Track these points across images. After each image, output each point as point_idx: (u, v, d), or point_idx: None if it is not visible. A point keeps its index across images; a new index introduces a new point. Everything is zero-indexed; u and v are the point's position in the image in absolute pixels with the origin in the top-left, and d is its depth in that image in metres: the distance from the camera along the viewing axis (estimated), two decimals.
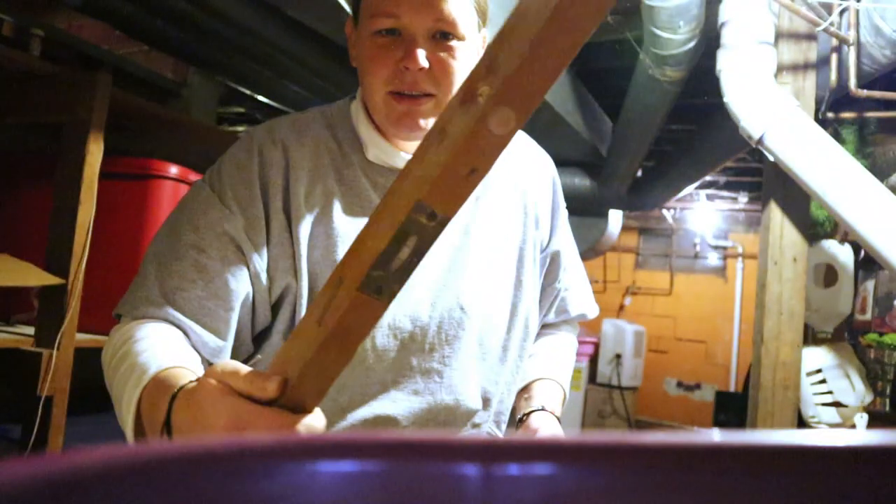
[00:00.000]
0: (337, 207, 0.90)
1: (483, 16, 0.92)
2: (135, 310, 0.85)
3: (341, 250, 0.88)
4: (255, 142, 0.91)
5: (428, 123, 0.87)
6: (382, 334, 0.89)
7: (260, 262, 0.86)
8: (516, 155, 1.04)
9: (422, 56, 0.83)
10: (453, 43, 0.86)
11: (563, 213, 1.10)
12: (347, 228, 0.89)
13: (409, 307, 0.90)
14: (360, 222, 0.89)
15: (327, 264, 0.88)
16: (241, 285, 0.85)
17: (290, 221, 0.88)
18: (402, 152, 0.92)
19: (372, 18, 0.84)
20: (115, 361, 0.80)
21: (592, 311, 1.17)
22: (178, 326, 0.84)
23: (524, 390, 1.06)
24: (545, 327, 1.15)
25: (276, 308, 0.91)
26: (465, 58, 0.87)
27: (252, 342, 0.92)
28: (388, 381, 0.90)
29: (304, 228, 0.88)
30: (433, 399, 0.93)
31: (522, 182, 1.03)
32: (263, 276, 0.87)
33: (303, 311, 0.87)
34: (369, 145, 0.93)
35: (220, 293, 0.84)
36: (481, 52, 0.94)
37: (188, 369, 0.72)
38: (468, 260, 0.95)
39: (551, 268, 1.08)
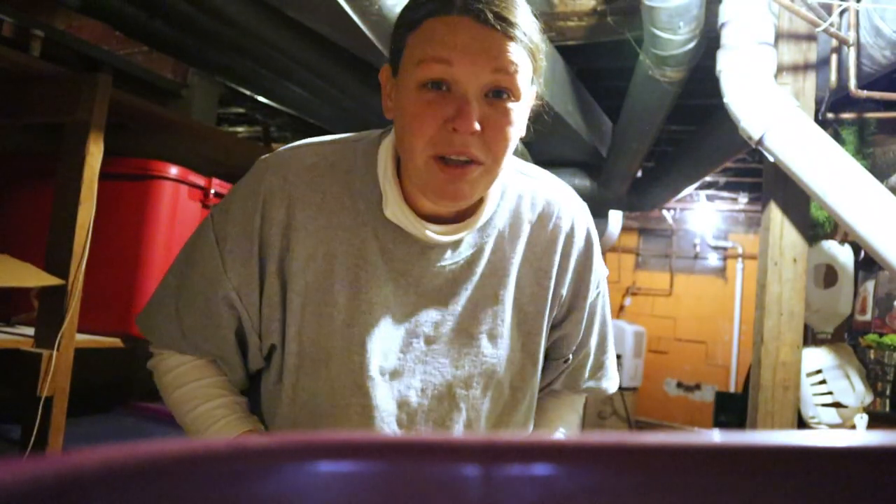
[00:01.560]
0: (339, 274, 0.85)
1: (536, 64, 0.80)
2: (164, 345, 0.94)
3: (338, 320, 0.85)
4: (262, 191, 0.85)
5: (474, 194, 0.79)
6: (380, 418, 0.85)
7: (250, 318, 0.88)
8: (550, 220, 0.92)
9: (475, 118, 0.73)
10: (509, 104, 0.76)
11: (590, 287, 0.96)
12: (347, 296, 0.85)
13: (399, 392, 0.87)
14: (363, 289, 0.84)
15: (323, 333, 0.85)
16: (234, 336, 0.90)
17: (285, 286, 0.86)
18: (425, 226, 0.83)
19: (419, 66, 0.74)
20: (177, 396, 0.92)
21: (611, 386, 1.03)
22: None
23: None
24: (549, 393, 1.04)
25: (267, 359, 0.93)
26: (520, 121, 0.78)
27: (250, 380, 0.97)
28: None
29: (299, 295, 0.85)
30: None
31: (550, 254, 0.91)
32: (254, 331, 0.89)
33: (288, 375, 0.88)
34: (389, 202, 0.83)
35: (226, 336, 0.90)
36: (531, 103, 0.83)
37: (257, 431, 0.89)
38: (472, 348, 0.88)
39: (560, 343, 0.97)
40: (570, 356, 0.98)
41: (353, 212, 0.85)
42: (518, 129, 0.78)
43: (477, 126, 0.74)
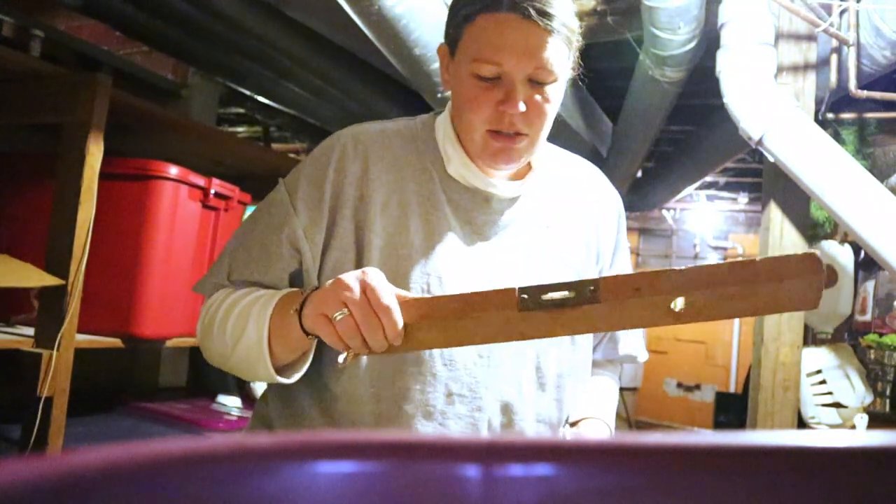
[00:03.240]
0: (413, 218, 0.95)
1: (573, 44, 0.92)
2: (212, 291, 1.00)
3: (416, 259, 0.94)
4: (337, 148, 0.97)
5: (521, 160, 0.95)
6: (462, 353, 0.93)
7: (313, 258, 0.95)
8: (589, 188, 1.08)
9: (520, 101, 0.88)
10: (548, 87, 0.90)
11: (624, 252, 1.12)
12: (422, 238, 0.95)
13: None
14: (435, 233, 0.96)
15: (401, 273, 0.93)
16: (291, 280, 0.96)
17: (361, 231, 0.94)
18: (486, 176, 0.97)
19: (473, 63, 0.89)
20: (226, 305, 0.94)
21: (642, 355, 1.17)
22: None
23: (572, 427, 1.07)
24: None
25: None
26: (556, 96, 0.93)
27: None
28: (452, 390, 0.93)
29: (378, 236, 0.94)
30: (486, 420, 0.95)
31: (590, 216, 1.06)
32: (314, 273, 0.95)
33: None
34: (453, 160, 0.97)
35: (279, 275, 0.96)
36: (567, 76, 0.97)
37: None
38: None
39: None
40: None
41: (421, 168, 0.98)
42: (555, 104, 0.93)
43: (523, 108, 0.88)
